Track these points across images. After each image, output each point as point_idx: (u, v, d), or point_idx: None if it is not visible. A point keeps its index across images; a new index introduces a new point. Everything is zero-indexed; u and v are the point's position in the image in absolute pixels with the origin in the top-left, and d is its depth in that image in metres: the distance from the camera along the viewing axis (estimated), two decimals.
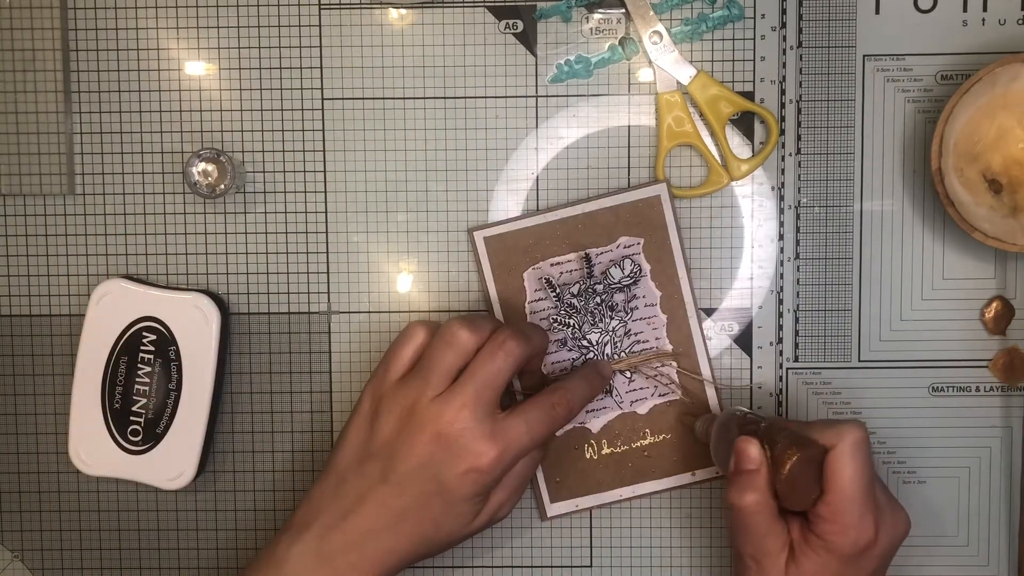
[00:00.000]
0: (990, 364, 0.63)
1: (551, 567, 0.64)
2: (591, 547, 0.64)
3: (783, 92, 0.62)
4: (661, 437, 0.63)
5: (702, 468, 0.63)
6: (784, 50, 0.62)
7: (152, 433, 0.61)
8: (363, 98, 0.63)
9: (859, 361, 0.63)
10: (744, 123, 0.62)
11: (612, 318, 0.62)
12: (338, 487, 0.55)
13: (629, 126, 0.62)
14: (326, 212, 0.63)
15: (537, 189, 0.63)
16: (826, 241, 0.62)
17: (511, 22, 0.62)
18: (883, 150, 0.62)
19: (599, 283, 0.62)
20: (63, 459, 0.64)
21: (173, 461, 0.61)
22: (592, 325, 0.62)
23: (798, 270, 0.63)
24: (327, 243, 0.63)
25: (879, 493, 0.55)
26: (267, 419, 0.64)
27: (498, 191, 0.63)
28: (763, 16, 0.62)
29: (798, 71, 0.62)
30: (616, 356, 0.62)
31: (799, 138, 0.62)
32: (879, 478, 0.56)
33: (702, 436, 0.61)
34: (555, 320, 0.62)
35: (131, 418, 0.61)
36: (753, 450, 0.54)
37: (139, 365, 0.61)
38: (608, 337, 0.62)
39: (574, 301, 0.62)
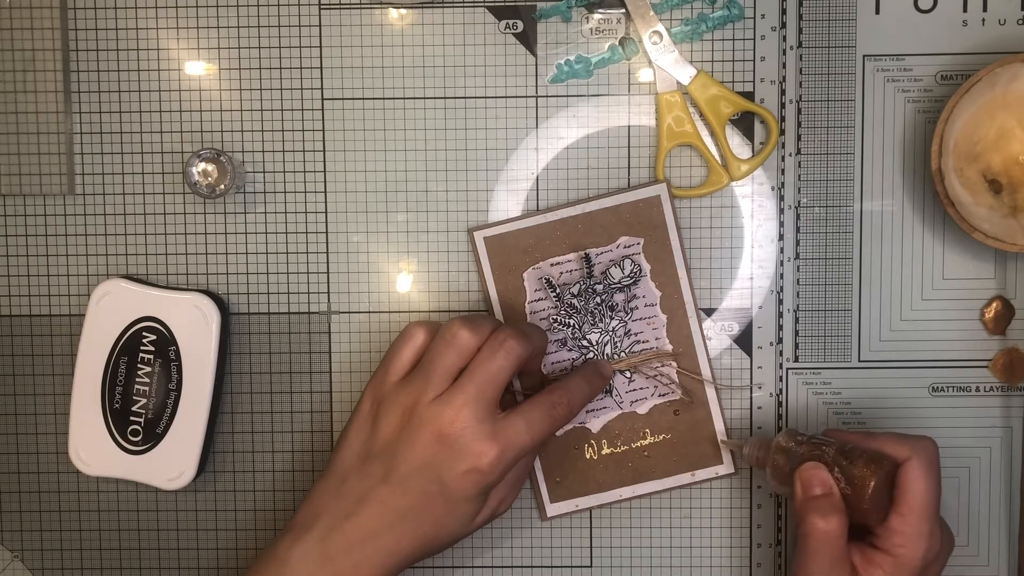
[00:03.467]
0: (990, 364, 0.63)
1: (551, 567, 0.64)
2: (591, 547, 0.64)
3: (783, 92, 0.62)
4: (661, 437, 0.63)
5: (702, 468, 0.63)
6: (784, 50, 0.62)
7: (152, 433, 0.61)
8: (363, 98, 0.63)
9: (859, 361, 0.63)
10: (744, 123, 0.62)
11: (612, 318, 0.62)
12: (339, 488, 0.55)
13: (629, 126, 0.62)
14: (326, 212, 0.63)
15: (537, 189, 0.63)
16: (826, 241, 0.62)
17: (511, 22, 0.62)
18: (883, 150, 0.62)
19: (599, 283, 0.62)
20: (63, 459, 0.64)
21: (173, 461, 0.61)
22: (592, 325, 0.62)
23: (798, 270, 0.63)
24: (327, 243, 0.63)
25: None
26: (267, 419, 0.64)
27: (498, 191, 0.63)
28: (763, 16, 0.62)
29: (798, 71, 0.62)
30: (616, 356, 0.62)
31: (799, 138, 0.62)
32: None
33: (752, 462, 0.60)
34: (555, 320, 0.62)
35: (131, 418, 0.61)
36: (825, 475, 0.54)
37: (139, 365, 0.61)
38: (608, 337, 0.62)
39: (574, 301, 0.62)
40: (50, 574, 0.65)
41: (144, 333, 0.61)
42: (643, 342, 0.63)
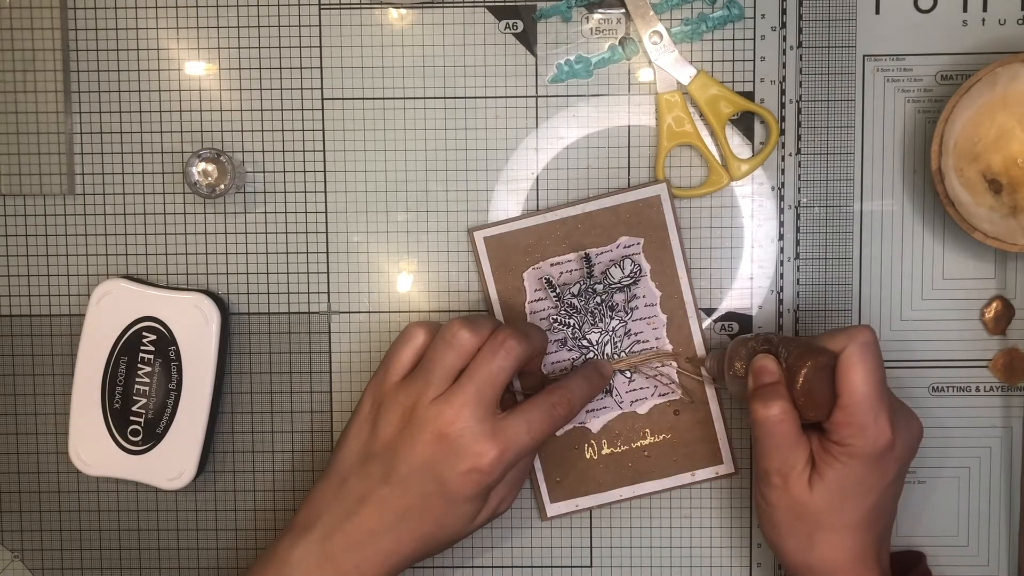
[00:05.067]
0: (990, 364, 0.63)
1: (551, 567, 0.64)
2: (591, 547, 0.64)
3: (783, 92, 0.62)
4: (661, 437, 0.63)
5: (702, 468, 0.63)
6: (784, 50, 0.62)
7: (152, 433, 0.61)
8: (363, 98, 0.63)
9: None
10: (744, 123, 0.62)
11: (612, 318, 0.62)
12: (340, 488, 0.56)
13: (629, 126, 0.62)
14: (326, 212, 0.63)
15: (537, 189, 0.63)
16: (826, 241, 0.62)
17: (511, 22, 0.62)
18: (883, 150, 0.62)
19: (599, 283, 0.62)
20: (63, 459, 0.64)
21: (173, 461, 0.61)
22: (592, 325, 0.62)
23: (798, 270, 0.63)
24: (327, 243, 0.63)
25: (891, 396, 0.55)
26: (267, 419, 0.64)
27: (498, 191, 0.63)
28: (763, 16, 0.62)
29: (798, 71, 0.62)
30: (616, 356, 0.62)
31: (799, 138, 0.62)
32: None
33: (713, 372, 0.61)
34: (555, 320, 0.62)
35: (131, 418, 0.61)
36: (770, 363, 0.55)
37: (139, 365, 0.61)
38: (608, 337, 0.62)
39: (574, 301, 0.62)
40: (50, 574, 0.65)
41: (144, 333, 0.61)
42: (643, 342, 0.63)
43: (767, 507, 0.57)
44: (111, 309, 0.61)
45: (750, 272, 0.63)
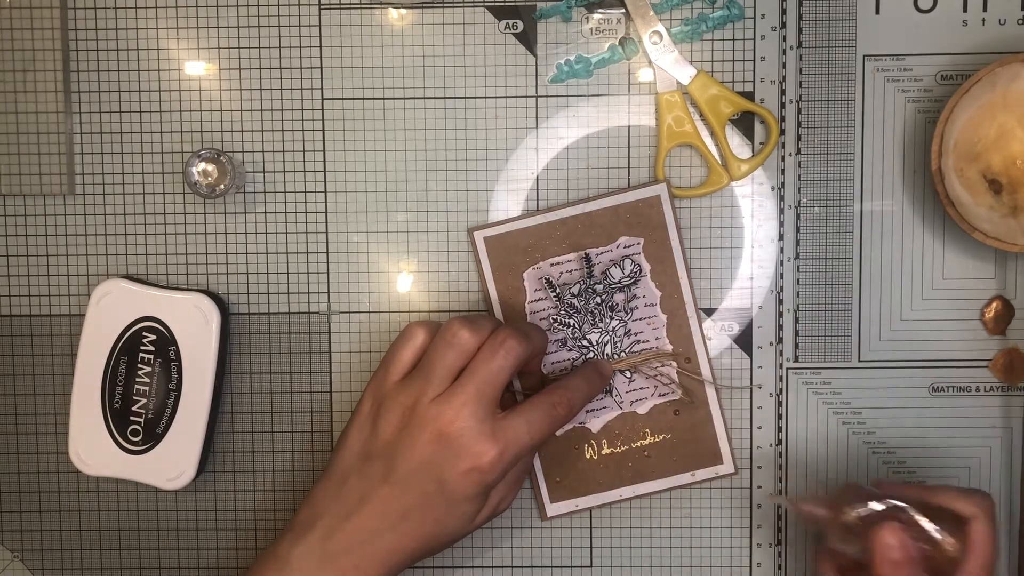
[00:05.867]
0: (990, 364, 0.63)
1: (551, 567, 0.64)
2: (591, 547, 0.64)
3: (783, 92, 0.62)
4: (661, 437, 0.63)
5: (702, 468, 0.63)
6: (784, 50, 0.62)
7: (152, 433, 0.61)
8: (363, 98, 0.63)
9: (859, 361, 0.63)
10: (744, 123, 0.62)
11: (612, 318, 0.62)
12: (340, 488, 0.55)
13: (629, 126, 0.62)
14: (326, 212, 0.63)
15: (537, 189, 0.63)
16: (826, 241, 0.62)
17: (511, 22, 0.62)
18: (883, 150, 0.62)
19: (599, 283, 0.62)
20: (63, 459, 0.64)
21: (173, 461, 0.61)
22: (592, 325, 0.62)
23: (798, 270, 0.63)
24: (327, 243, 0.63)
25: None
26: (267, 419, 0.64)
27: (498, 191, 0.63)
28: (763, 16, 0.62)
29: (798, 71, 0.62)
30: (616, 356, 0.62)
31: (799, 138, 0.62)
32: None
33: (809, 522, 0.59)
34: (555, 320, 0.62)
35: (131, 418, 0.61)
36: (905, 537, 0.54)
37: (139, 365, 0.61)
38: (608, 337, 0.62)
39: (574, 301, 0.62)
40: (50, 574, 0.65)
41: (144, 333, 0.61)
42: (643, 342, 0.63)
43: None
44: (111, 309, 0.61)
45: (750, 272, 0.63)
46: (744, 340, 0.63)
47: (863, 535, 0.54)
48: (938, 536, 0.54)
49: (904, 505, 0.55)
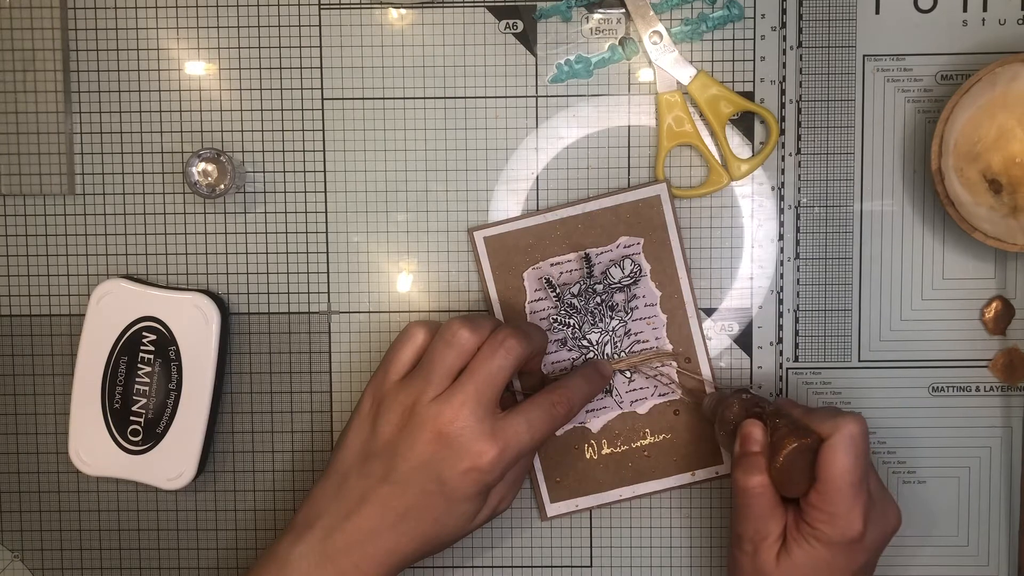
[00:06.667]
0: (990, 364, 0.63)
1: (551, 567, 0.64)
2: (591, 547, 0.64)
3: (783, 92, 0.62)
4: (661, 437, 0.63)
5: (702, 468, 0.63)
6: (784, 50, 0.62)
7: (152, 433, 0.61)
8: (363, 98, 0.63)
9: (859, 361, 0.63)
10: (744, 123, 0.62)
11: (612, 318, 0.62)
12: (340, 487, 0.55)
13: (629, 126, 0.62)
14: (326, 212, 0.63)
15: (537, 189, 0.63)
16: (826, 241, 0.62)
17: (511, 22, 0.62)
18: (883, 150, 0.62)
19: (599, 283, 0.62)
20: (63, 459, 0.64)
21: (173, 461, 0.61)
22: (592, 325, 0.62)
23: (798, 270, 0.63)
24: (327, 243, 0.63)
25: (872, 487, 0.55)
26: (267, 419, 0.64)
27: (498, 191, 0.63)
28: (763, 16, 0.62)
29: (798, 71, 0.62)
30: (616, 356, 0.62)
31: (799, 138, 0.62)
32: (874, 471, 0.57)
33: (707, 413, 0.61)
34: (555, 320, 0.62)
35: (131, 418, 0.61)
36: (758, 432, 0.56)
37: (139, 365, 0.61)
38: (608, 337, 0.62)
39: (574, 301, 0.62)
40: (50, 574, 0.65)
41: (144, 333, 0.61)
42: (643, 342, 0.63)
43: (736, 570, 0.57)
44: (111, 309, 0.61)
45: (750, 272, 0.63)
46: (744, 340, 0.63)
47: (737, 431, 0.57)
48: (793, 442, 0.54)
49: (766, 402, 0.57)
